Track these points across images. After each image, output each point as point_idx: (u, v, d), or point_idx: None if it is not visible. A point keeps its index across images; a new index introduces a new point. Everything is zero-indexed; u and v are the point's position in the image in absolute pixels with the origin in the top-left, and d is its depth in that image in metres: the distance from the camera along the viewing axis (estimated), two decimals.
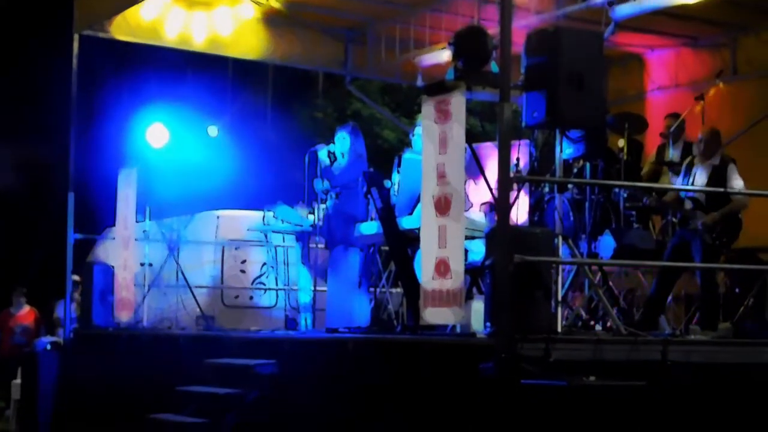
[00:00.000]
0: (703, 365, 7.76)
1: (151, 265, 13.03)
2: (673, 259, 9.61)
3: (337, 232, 10.50)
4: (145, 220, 12.78)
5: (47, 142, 19.45)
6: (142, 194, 12.53)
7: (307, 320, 11.06)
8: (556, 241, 8.13)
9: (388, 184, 9.94)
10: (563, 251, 8.31)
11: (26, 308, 15.86)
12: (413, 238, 9.07)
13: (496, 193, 7.66)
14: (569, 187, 9.75)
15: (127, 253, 12.50)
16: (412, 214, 9.60)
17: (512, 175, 7.63)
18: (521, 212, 8.95)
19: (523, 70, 8.09)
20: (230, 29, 13.43)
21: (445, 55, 12.08)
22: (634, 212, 10.33)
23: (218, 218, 14.22)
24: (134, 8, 12.73)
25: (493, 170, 7.67)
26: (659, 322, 9.66)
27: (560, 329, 7.88)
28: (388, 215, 9.61)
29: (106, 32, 13.16)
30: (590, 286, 8.70)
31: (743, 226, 9.66)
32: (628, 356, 7.53)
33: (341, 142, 10.64)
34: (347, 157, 10.55)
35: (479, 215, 9.96)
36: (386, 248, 10.29)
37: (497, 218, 7.56)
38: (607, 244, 9.58)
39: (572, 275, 8.49)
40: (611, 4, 10.78)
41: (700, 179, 9.74)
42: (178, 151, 13.16)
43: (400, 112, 20.98)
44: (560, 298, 8.03)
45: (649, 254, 9.75)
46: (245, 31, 13.65)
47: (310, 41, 14.14)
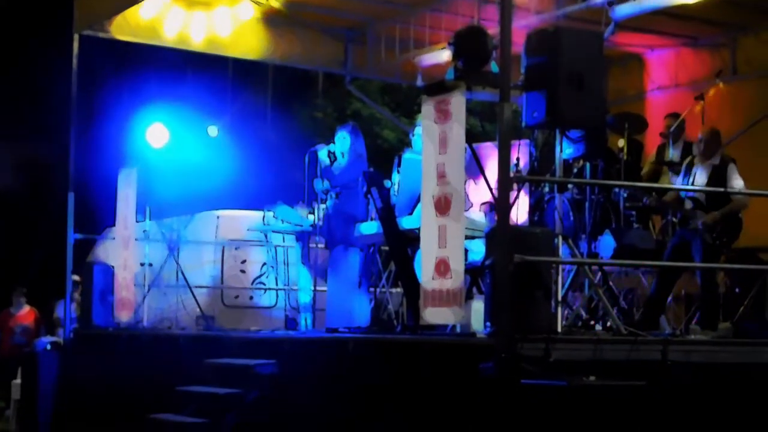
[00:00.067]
0: (703, 365, 7.77)
1: (151, 265, 13.03)
2: (673, 258, 9.61)
3: (337, 232, 10.50)
4: (145, 220, 12.78)
5: (47, 142, 19.47)
6: (142, 194, 12.53)
7: (307, 320, 11.07)
8: (556, 241, 8.13)
9: (388, 184, 9.94)
10: (563, 251, 8.31)
11: (26, 308, 15.86)
12: (413, 238, 9.08)
13: (496, 192, 7.66)
14: (569, 187, 9.75)
15: (127, 253, 12.50)
16: (412, 214, 9.60)
17: (512, 175, 7.63)
18: (521, 212, 8.95)
19: (523, 70, 8.09)
20: (230, 29, 13.43)
21: (445, 55, 12.08)
22: (634, 212, 10.34)
23: (218, 218, 14.22)
24: (134, 8, 12.72)
25: (493, 170, 7.67)
26: (660, 321, 9.67)
27: (560, 329, 7.88)
28: (388, 215, 9.61)
29: (106, 32, 13.16)
30: (590, 285, 8.70)
31: (744, 226, 9.66)
32: (628, 356, 7.53)
33: (341, 141, 10.64)
34: (347, 156, 10.55)
35: (479, 215, 9.96)
36: (386, 248, 10.29)
37: (497, 218, 7.56)
38: (607, 244, 9.58)
39: (572, 275, 8.49)
40: (611, 4, 10.78)
41: (700, 179, 9.74)
42: (178, 151, 13.17)
43: (400, 112, 20.99)
44: (560, 298, 8.03)
45: (649, 254, 9.75)
46: (245, 31, 13.65)
47: (310, 41, 14.14)
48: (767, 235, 10.61)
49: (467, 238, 8.53)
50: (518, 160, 8.81)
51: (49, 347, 13.44)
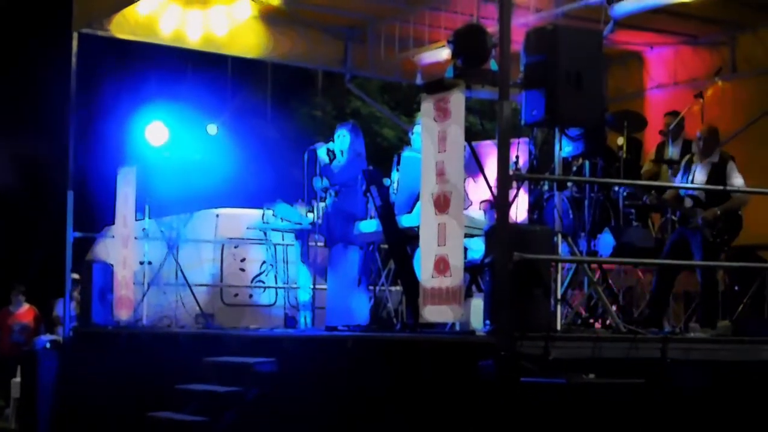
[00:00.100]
0: (702, 363, 7.77)
1: (150, 263, 13.04)
2: (671, 255, 9.62)
3: (336, 230, 10.49)
4: (144, 218, 12.78)
5: (46, 140, 19.47)
6: (141, 192, 12.52)
7: (306, 318, 11.06)
8: (555, 239, 8.13)
9: (387, 182, 9.95)
10: (562, 249, 8.31)
11: (25, 306, 15.87)
12: (412, 236, 9.08)
13: (495, 191, 7.66)
14: (569, 185, 9.75)
15: (126, 251, 12.49)
16: (411, 212, 9.60)
17: (511, 173, 7.63)
18: (521, 210, 8.94)
19: (522, 68, 8.09)
20: (230, 28, 13.42)
21: (444, 53, 12.08)
22: (633, 210, 10.34)
23: (218, 216, 14.22)
24: (133, 6, 12.70)
25: (492, 168, 7.67)
26: (664, 319, 9.67)
27: (559, 327, 7.89)
28: (387, 213, 9.61)
29: (105, 30, 13.15)
30: (589, 284, 8.70)
31: (744, 223, 9.67)
32: (627, 354, 7.53)
33: (341, 140, 10.63)
34: (346, 155, 10.55)
35: (478, 213, 9.96)
36: (386, 246, 10.29)
37: (496, 216, 7.56)
38: (606, 242, 9.58)
39: (571, 273, 8.49)
40: (610, 2, 10.79)
41: (699, 177, 9.75)
42: (177, 149, 13.17)
43: (399, 110, 20.99)
44: (559, 296, 8.03)
45: (648, 252, 9.76)
46: (245, 29, 13.64)
47: (309, 40, 14.14)
48: (766, 233, 10.62)
49: (466, 236, 8.52)
50: (517, 158, 8.79)
51: (48, 346, 13.45)
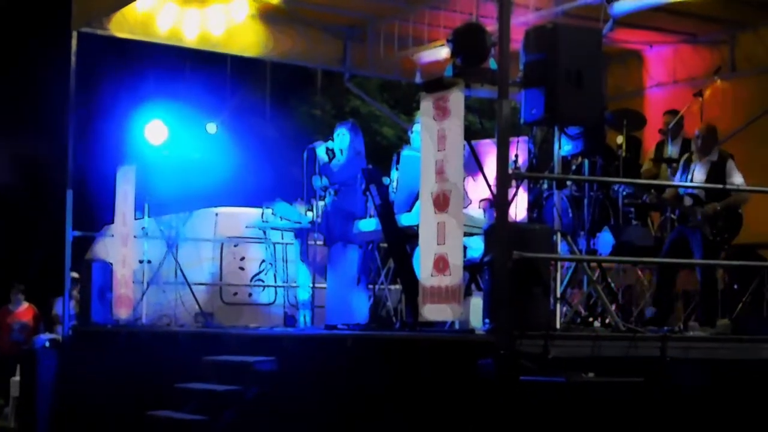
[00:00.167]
0: (701, 362, 7.77)
1: (149, 262, 13.03)
2: (671, 254, 9.62)
3: (335, 229, 10.49)
4: (143, 217, 12.77)
5: (46, 139, 19.47)
6: (140, 191, 12.52)
7: (306, 317, 11.06)
8: (554, 237, 8.13)
9: (386, 181, 9.94)
10: (562, 248, 8.31)
11: (25, 305, 15.87)
12: (412, 234, 9.07)
13: (494, 189, 7.66)
14: (568, 183, 9.74)
15: (125, 250, 12.49)
16: (410, 211, 9.60)
17: (511, 171, 7.63)
18: (520, 209, 8.94)
19: (521, 66, 8.08)
20: (229, 26, 13.41)
21: (443, 52, 12.08)
22: (632, 209, 10.34)
23: (217, 215, 14.22)
24: (132, 5, 12.70)
25: (491, 167, 7.67)
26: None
27: (559, 326, 7.89)
28: (386, 212, 9.61)
29: (104, 29, 13.14)
30: (589, 282, 8.70)
31: (744, 222, 9.67)
32: (626, 353, 7.53)
33: (340, 138, 10.63)
34: (346, 154, 10.54)
35: (478, 212, 9.96)
36: (385, 245, 10.28)
37: (496, 215, 7.56)
38: (605, 240, 9.58)
39: (571, 272, 8.49)
40: (610, 0, 10.78)
41: (698, 175, 9.75)
42: (176, 148, 13.16)
43: (398, 109, 20.99)
44: (559, 294, 8.03)
45: (647, 251, 9.75)
46: (244, 28, 13.64)
47: (309, 38, 14.14)
48: (766, 231, 10.62)
49: (466, 234, 8.52)
50: (517, 157, 8.78)
51: (47, 344, 13.44)
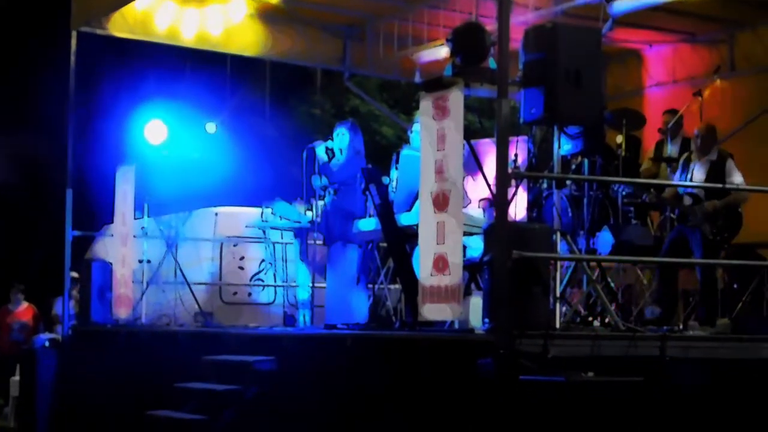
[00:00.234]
0: (701, 361, 7.77)
1: (149, 262, 13.03)
2: (670, 253, 9.62)
3: (335, 228, 10.49)
4: (143, 217, 12.77)
5: (45, 139, 19.45)
6: (140, 191, 12.51)
7: (305, 317, 11.06)
8: (554, 237, 8.13)
9: (386, 180, 9.94)
10: (561, 247, 8.31)
11: (24, 305, 15.87)
12: (411, 234, 9.07)
13: (494, 189, 7.66)
14: (567, 183, 9.74)
15: (125, 249, 12.49)
16: (410, 210, 9.60)
17: (510, 171, 7.63)
18: (519, 208, 8.94)
19: (521, 66, 8.08)
20: (229, 26, 13.42)
21: (443, 51, 12.08)
22: (632, 208, 10.34)
23: (216, 215, 14.22)
24: (131, 4, 12.71)
25: (491, 166, 7.67)
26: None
27: (558, 325, 7.88)
28: (386, 212, 9.61)
29: (104, 29, 13.14)
30: (588, 282, 8.70)
31: (744, 221, 9.67)
32: (626, 352, 7.53)
33: (340, 138, 10.63)
34: (345, 153, 10.54)
35: (477, 211, 9.96)
36: (384, 245, 10.28)
37: (495, 214, 7.55)
38: (605, 240, 9.58)
39: (570, 271, 8.49)
40: (609, 0, 10.78)
41: (698, 175, 9.75)
42: (176, 147, 13.16)
43: (398, 108, 20.99)
44: (558, 294, 8.03)
45: (647, 250, 9.75)
46: (244, 27, 13.64)
47: (308, 38, 14.14)
48: (766, 231, 10.62)
49: (465, 234, 8.52)
50: (516, 156, 8.78)
51: (47, 344, 13.45)
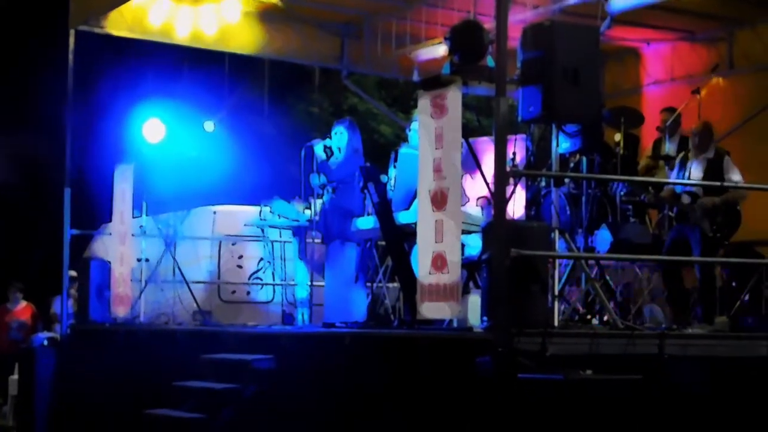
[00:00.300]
0: (699, 359, 7.77)
1: (147, 260, 13.03)
2: (672, 252, 9.63)
3: (333, 227, 10.49)
4: (141, 215, 12.77)
5: (44, 138, 19.43)
6: (138, 190, 12.52)
7: (304, 315, 11.06)
8: (552, 235, 8.13)
9: (384, 179, 9.94)
10: (560, 245, 8.31)
11: (23, 304, 15.85)
12: (410, 232, 9.08)
13: (492, 187, 7.66)
14: (566, 181, 9.74)
15: (123, 248, 12.49)
16: (408, 209, 9.59)
17: (508, 169, 7.64)
18: (518, 207, 8.95)
19: (519, 64, 8.09)
20: (227, 24, 13.40)
21: (441, 49, 12.07)
22: (630, 206, 10.34)
23: (215, 213, 14.22)
24: (129, 3, 12.70)
25: (489, 165, 7.67)
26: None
27: (557, 323, 7.89)
28: (384, 210, 9.61)
29: (102, 27, 13.14)
30: (587, 280, 8.71)
31: (742, 219, 9.67)
32: (624, 350, 7.53)
33: (338, 136, 10.62)
34: (344, 152, 10.54)
35: (476, 210, 9.97)
36: (383, 243, 10.29)
37: (494, 213, 7.56)
38: (603, 238, 9.58)
39: (569, 269, 8.49)
40: None
41: (695, 173, 9.75)
42: (174, 146, 13.15)
43: (396, 107, 20.99)
44: (557, 292, 8.03)
45: (645, 248, 9.75)
46: (241, 26, 13.63)
47: (306, 36, 14.14)
48: (764, 229, 10.62)
49: (464, 232, 8.52)
50: (514, 154, 8.79)
51: (46, 343, 13.44)
